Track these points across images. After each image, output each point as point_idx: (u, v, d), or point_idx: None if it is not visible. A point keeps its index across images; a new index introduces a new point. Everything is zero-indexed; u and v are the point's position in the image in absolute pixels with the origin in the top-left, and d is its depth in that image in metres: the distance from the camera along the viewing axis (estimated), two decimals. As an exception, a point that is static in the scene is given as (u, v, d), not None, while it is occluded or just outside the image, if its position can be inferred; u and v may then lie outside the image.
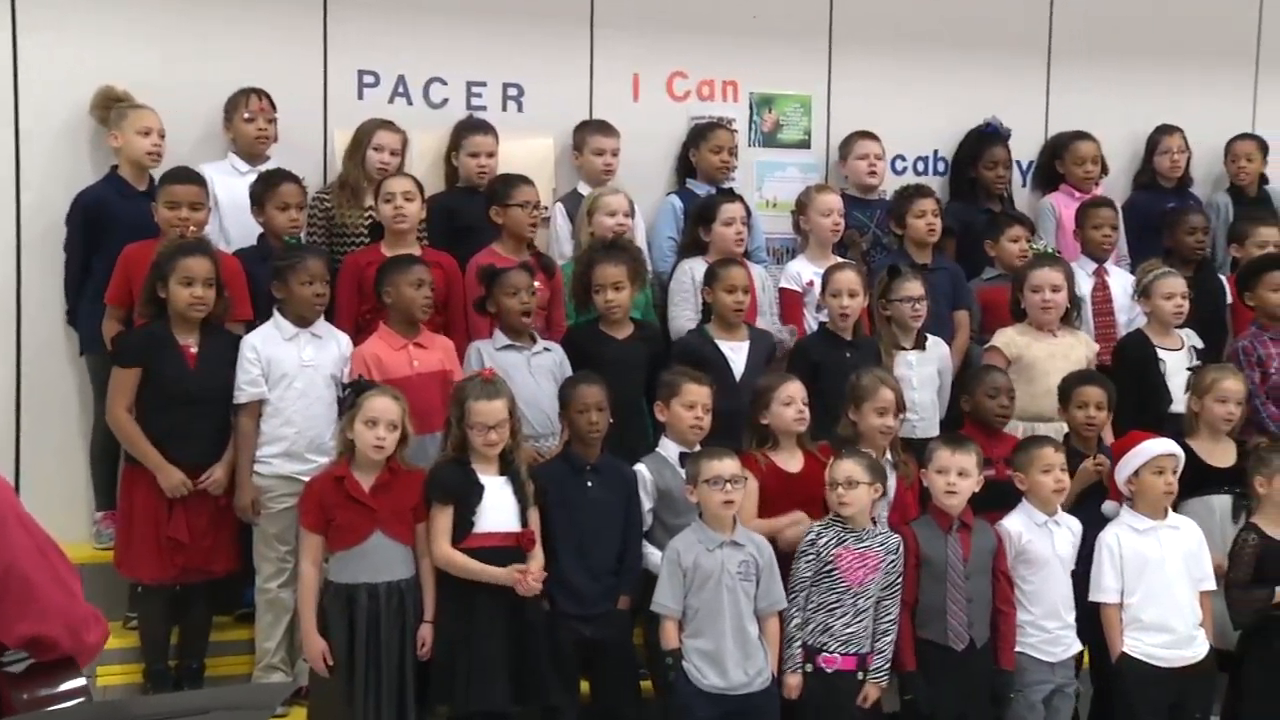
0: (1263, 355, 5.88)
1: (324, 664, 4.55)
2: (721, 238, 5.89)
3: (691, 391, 4.99)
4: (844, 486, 4.69)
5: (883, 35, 6.84)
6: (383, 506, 4.62)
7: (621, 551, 4.89)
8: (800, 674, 4.69)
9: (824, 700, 4.68)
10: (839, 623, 4.69)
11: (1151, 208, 6.88)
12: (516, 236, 5.69)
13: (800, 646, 4.70)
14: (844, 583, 4.68)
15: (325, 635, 4.57)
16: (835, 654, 4.69)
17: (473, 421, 4.66)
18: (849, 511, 4.72)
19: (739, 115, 6.71)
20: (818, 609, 4.70)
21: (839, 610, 4.69)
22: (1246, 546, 5.00)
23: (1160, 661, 4.86)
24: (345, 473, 4.61)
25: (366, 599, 4.58)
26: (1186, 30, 7.19)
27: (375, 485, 4.63)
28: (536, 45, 6.39)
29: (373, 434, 4.58)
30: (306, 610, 4.61)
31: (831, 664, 4.69)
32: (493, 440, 4.67)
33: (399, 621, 4.61)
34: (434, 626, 4.65)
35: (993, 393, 5.36)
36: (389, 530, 4.63)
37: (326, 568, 4.62)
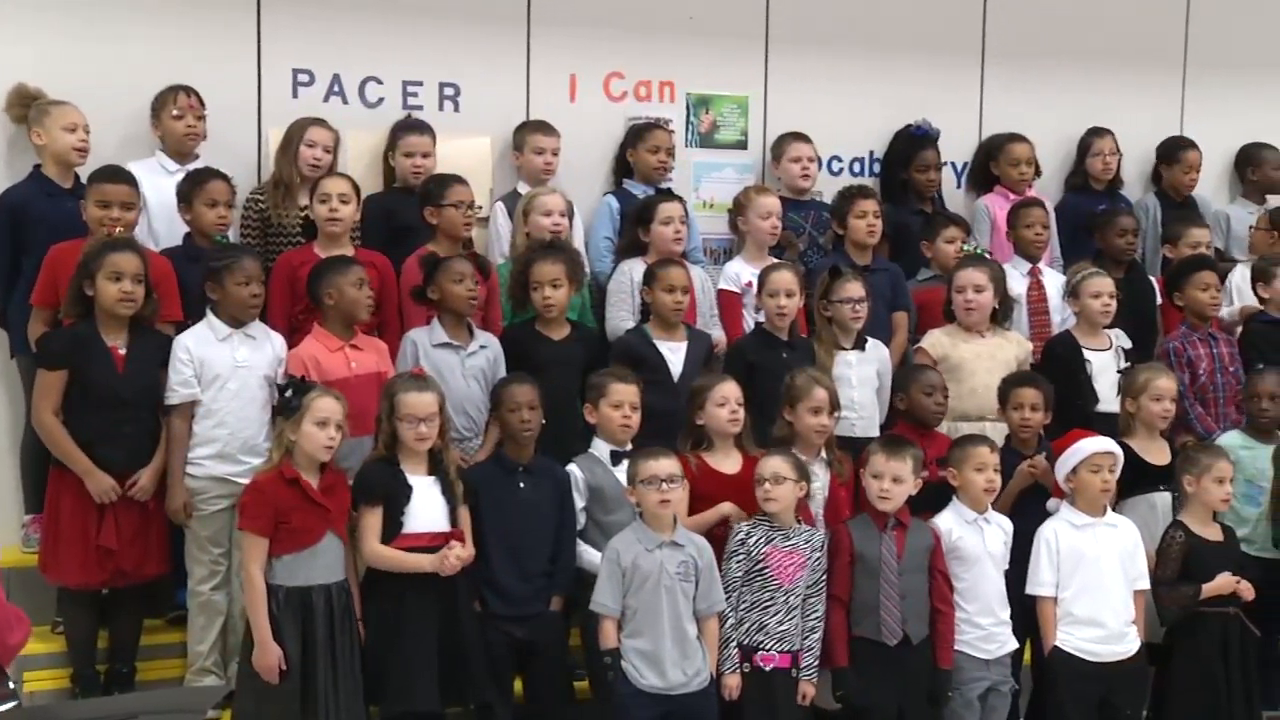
0: (1192, 356, 5.97)
1: (277, 673, 4.47)
2: (660, 237, 5.89)
3: (618, 391, 5.00)
4: (770, 483, 4.71)
5: (819, 37, 6.87)
6: (334, 507, 4.60)
7: (554, 553, 4.89)
8: (738, 674, 4.70)
9: (762, 699, 4.69)
10: (773, 621, 4.70)
11: (1083, 209, 6.95)
12: (451, 236, 5.67)
13: (736, 646, 4.71)
14: (775, 581, 4.71)
15: (277, 641, 4.50)
16: (772, 652, 4.70)
17: (403, 414, 4.65)
18: (774, 508, 4.74)
19: (676, 116, 6.73)
20: (751, 608, 4.72)
21: (773, 608, 4.70)
22: (1174, 544, 5.07)
23: (1091, 656, 4.92)
24: (297, 474, 4.55)
25: (322, 601, 4.54)
26: (1117, 34, 7.28)
27: (322, 486, 4.60)
28: (473, 45, 6.37)
29: (324, 434, 4.55)
30: (260, 617, 4.50)
31: (769, 662, 4.71)
32: (423, 434, 4.66)
33: (348, 621, 4.60)
34: (364, 626, 4.64)
35: (928, 390, 5.40)
36: (338, 530, 4.61)
37: (269, 573, 4.54)
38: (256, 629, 4.50)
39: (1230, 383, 5.94)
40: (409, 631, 4.61)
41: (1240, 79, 7.39)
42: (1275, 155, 7.30)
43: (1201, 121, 7.37)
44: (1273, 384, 5.55)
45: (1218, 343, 6.05)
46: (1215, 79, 7.41)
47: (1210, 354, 5.99)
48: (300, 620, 4.51)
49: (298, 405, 4.55)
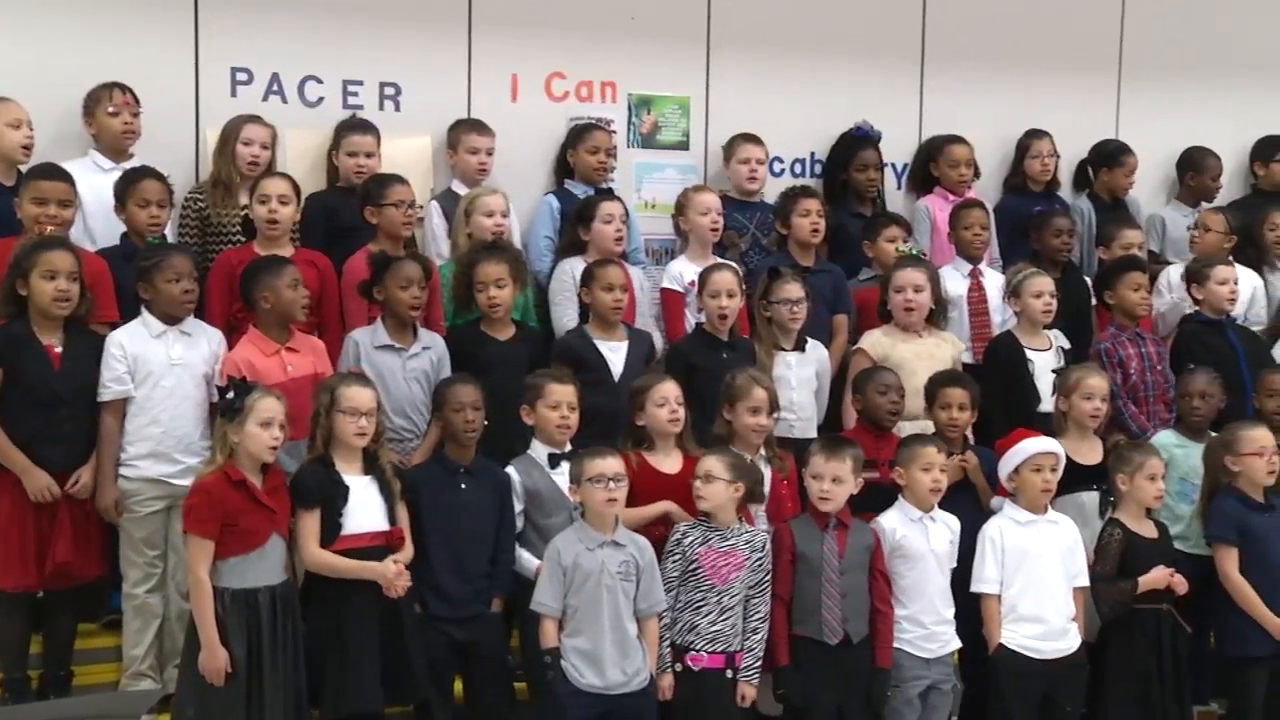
0: (1123, 356, 6.02)
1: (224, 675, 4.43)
2: (600, 236, 5.90)
3: (555, 392, 4.99)
4: (701, 481, 4.72)
5: (760, 38, 6.90)
6: (278, 508, 4.56)
7: (494, 554, 4.87)
8: (671, 674, 4.71)
9: (693, 699, 4.70)
10: (704, 621, 4.71)
11: (1021, 210, 7.01)
12: (392, 236, 5.65)
13: (669, 646, 4.72)
14: (708, 581, 4.71)
15: (223, 644, 4.45)
16: (702, 652, 4.71)
17: (344, 406, 4.63)
18: (706, 506, 4.74)
19: (617, 116, 6.73)
20: (684, 608, 4.73)
21: (704, 609, 4.71)
22: (1112, 541, 5.13)
23: (1034, 653, 4.96)
24: (243, 475, 4.51)
25: (269, 601, 4.51)
26: (1054, 38, 7.36)
27: (267, 487, 4.56)
28: (414, 44, 6.36)
29: (268, 434, 4.51)
30: (207, 621, 4.44)
31: (698, 662, 4.71)
32: (363, 428, 4.64)
33: (292, 622, 4.57)
34: (306, 626, 4.61)
35: (883, 389, 5.42)
36: (282, 531, 4.58)
37: (214, 575, 4.48)
38: (203, 632, 4.44)
39: (1158, 381, 6.00)
40: (351, 632, 4.58)
41: (1174, 83, 7.49)
42: (1217, 164, 7.39)
43: (1136, 125, 7.45)
44: (1204, 384, 5.62)
45: (1146, 342, 6.12)
46: (1149, 83, 7.50)
47: (1139, 353, 6.05)
48: (246, 622, 4.47)
49: (240, 406, 4.51)
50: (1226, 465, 5.29)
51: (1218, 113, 7.54)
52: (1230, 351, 6.10)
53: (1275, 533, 5.26)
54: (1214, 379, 5.64)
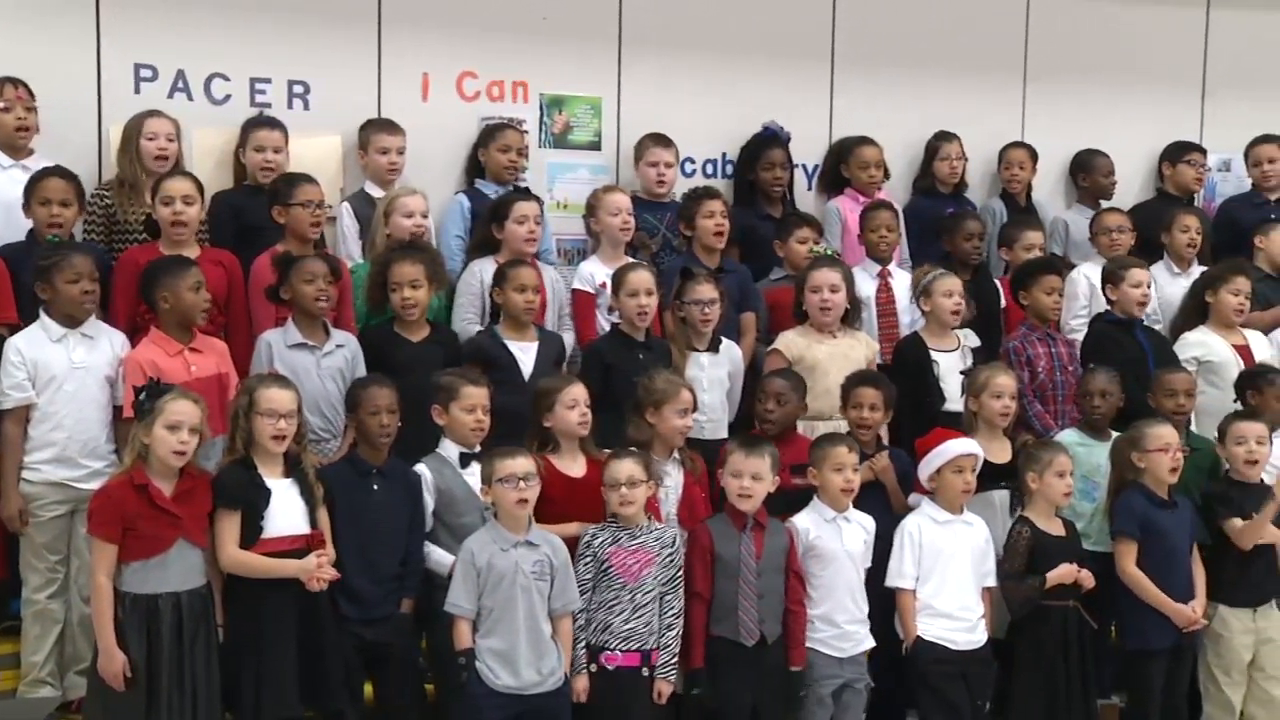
0: (1031, 355, 6.09)
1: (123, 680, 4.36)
2: (513, 235, 5.88)
3: (470, 395, 4.96)
4: (627, 486, 4.72)
5: (672, 39, 6.91)
6: (186, 514, 4.48)
7: (405, 555, 4.83)
8: (586, 675, 4.70)
9: (609, 698, 4.70)
10: (618, 620, 4.71)
11: (931, 212, 7.08)
12: (300, 236, 5.59)
13: (584, 647, 4.71)
14: (620, 580, 4.71)
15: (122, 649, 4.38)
16: (616, 652, 4.70)
17: (263, 408, 4.56)
18: (631, 511, 4.75)
19: (529, 116, 6.71)
20: (598, 608, 4.73)
21: (618, 607, 4.71)
22: (1020, 539, 5.18)
23: (952, 644, 5.03)
24: (147, 480, 4.43)
25: (170, 609, 4.43)
26: (962, 41, 7.43)
27: (177, 492, 4.48)
28: (323, 42, 6.30)
29: (175, 438, 4.43)
30: (105, 624, 4.38)
31: (613, 661, 4.71)
32: (282, 430, 4.58)
33: (204, 629, 4.50)
34: (223, 632, 4.55)
35: (760, 396, 5.45)
36: (191, 538, 4.48)
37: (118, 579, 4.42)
38: (100, 636, 4.39)
39: (1069, 381, 6.06)
40: (269, 637, 4.53)
41: (1078, 87, 7.59)
42: (1107, 163, 7.50)
43: (1041, 128, 7.54)
44: (1104, 382, 5.69)
45: (1056, 342, 6.19)
46: (1054, 87, 7.59)
47: (1049, 353, 6.12)
48: (147, 627, 4.39)
49: (149, 408, 4.43)
50: (1133, 462, 5.37)
51: (1122, 116, 7.64)
52: (1139, 351, 6.18)
53: (1178, 529, 5.36)
54: (1114, 378, 5.72)
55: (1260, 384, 5.90)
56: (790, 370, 5.65)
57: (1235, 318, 6.38)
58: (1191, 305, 6.53)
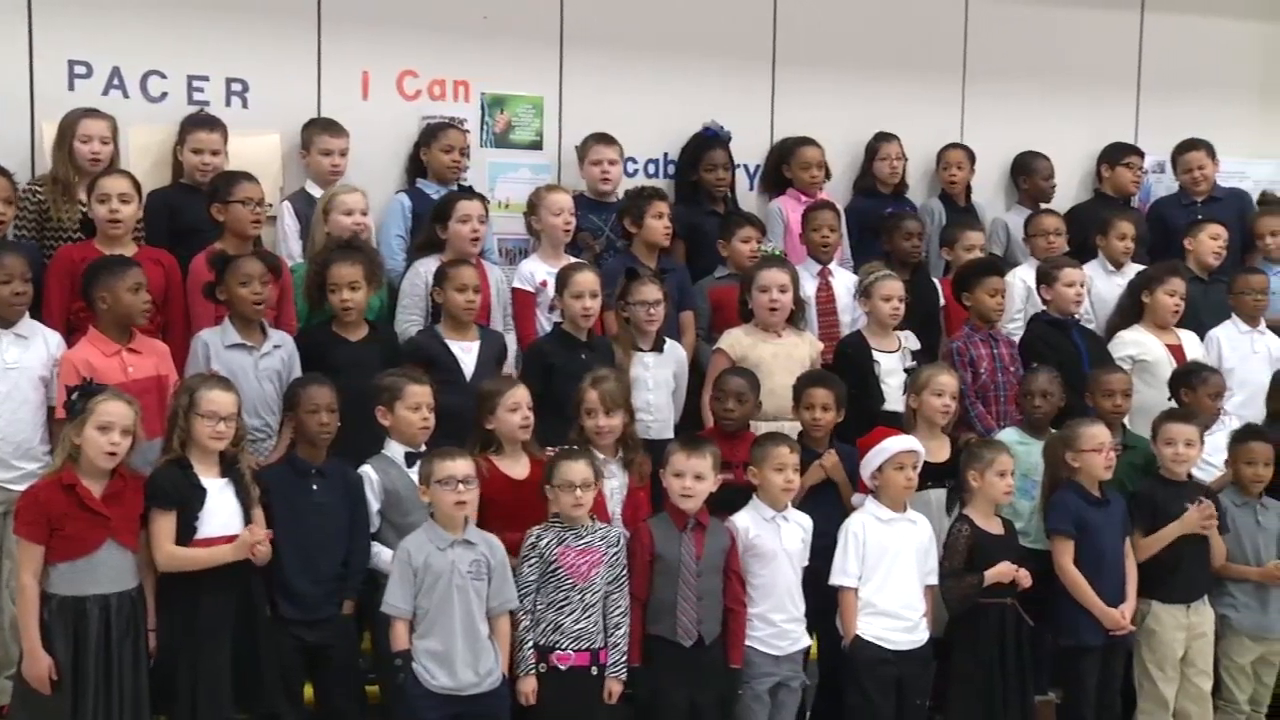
0: (974, 356, 6.13)
1: (48, 682, 4.31)
2: (457, 235, 5.87)
3: (414, 393, 4.95)
4: (581, 488, 4.72)
5: (614, 39, 6.91)
6: (115, 515, 4.44)
7: (346, 555, 4.81)
8: (534, 676, 4.69)
9: (561, 699, 4.70)
10: (569, 620, 4.71)
11: (871, 212, 7.11)
12: (239, 235, 5.56)
13: (532, 648, 4.70)
14: (570, 580, 4.71)
15: (48, 651, 4.34)
16: (568, 651, 4.70)
17: (204, 410, 4.54)
18: (581, 512, 4.75)
19: (471, 116, 6.69)
20: (547, 608, 4.72)
21: (567, 608, 4.71)
22: (960, 537, 5.22)
23: (889, 644, 5.05)
24: (75, 480, 4.38)
25: (98, 611, 4.39)
26: (901, 42, 7.47)
27: (107, 493, 4.44)
28: (261, 40, 6.26)
29: (106, 439, 4.39)
30: (30, 625, 4.35)
31: (565, 661, 4.71)
32: (221, 432, 4.56)
33: (132, 632, 4.46)
34: (156, 635, 4.52)
35: (719, 395, 5.46)
36: (121, 539, 4.45)
37: (45, 580, 4.37)
38: (25, 638, 4.36)
39: (1010, 382, 6.10)
40: (204, 639, 4.51)
41: (1016, 89, 7.63)
42: (1047, 165, 7.55)
43: (980, 129, 7.59)
44: (1045, 383, 5.74)
45: (998, 343, 6.24)
46: (993, 88, 7.64)
47: (991, 354, 6.17)
48: (74, 630, 4.35)
49: (82, 408, 4.39)
50: (1066, 461, 5.42)
51: (1059, 118, 7.70)
52: (1074, 351, 6.25)
53: (1110, 527, 5.41)
54: (1054, 378, 5.77)
55: (1193, 382, 5.99)
56: (744, 369, 5.68)
57: (1170, 318, 6.46)
58: (1128, 305, 6.61)
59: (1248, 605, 5.64)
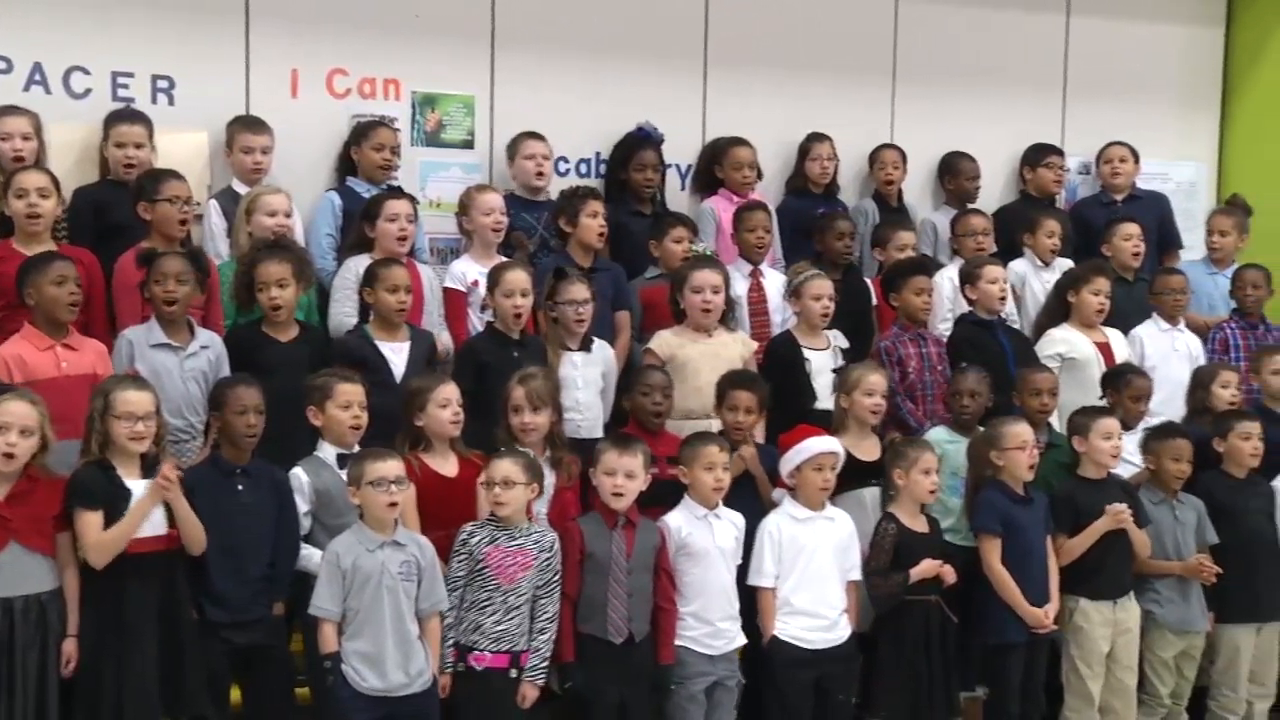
0: (903, 355, 6.19)
1: None
2: (385, 234, 5.84)
3: (345, 392, 4.92)
4: (501, 486, 4.70)
5: (546, 38, 6.90)
6: (18, 516, 4.37)
7: (274, 557, 4.78)
8: (451, 674, 4.68)
9: (476, 699, 4.69)
10: (489, 620, 4.70)
11: (803, 212, 7.14)
12: (166, 234, 5.50)
13: (453, 646, 4.70)
14: (495, 580, 4.70)
15: None
16: (485, 652, 4.69)
17: (120, 411, 4.49)
18: (505, 512, 4.73)
19: (401, 114, 6.66)
20: (470, 607, 4.71)
21: (490, 608, 4.70)
22: (886, 535, 5.26)
23: (806, 644, 5.07)
24: None
25: (4, 614, 4.33)
26: (832, 43, 7.50)
27: (11, 494, 4.38)
28: (188, 36, 6.20)
29: (2, 440, 4.33)
30: None
31: (481, 661, 4.70)
32: (140, 433, 4.51)
33: (38, 638, 4.39)
34: (78, 640, 4.46)
35: (646, 390, 5.47)
36: (26, 541, 4.38)
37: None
38: None
39: (938, 380, 6.16)
40: (128, 643, 4.45)
41: (944, 91, 7.69)
42: (973, 166, 7.61)
43: (910, 130, 7.63)
44: (972, 382, 5.79)
45: (927, 342, 6.30)
46: (922, 90, 7.69)
47: (919, 353, 6.22)
48: None
49: None
50: (990, 459, 5.48)
51: (987, 119, 7.77)
52: (999, 351, 6.31)
53: (1034, 525, 5.47)
54: (983, 378, 5.82)
55: (1119, 384, 6.08)
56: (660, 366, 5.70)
57: (1095, 317, 6.54)
58: (1054, 305, 6.69)
59: (1171, 600, 5.73)
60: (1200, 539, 5.77)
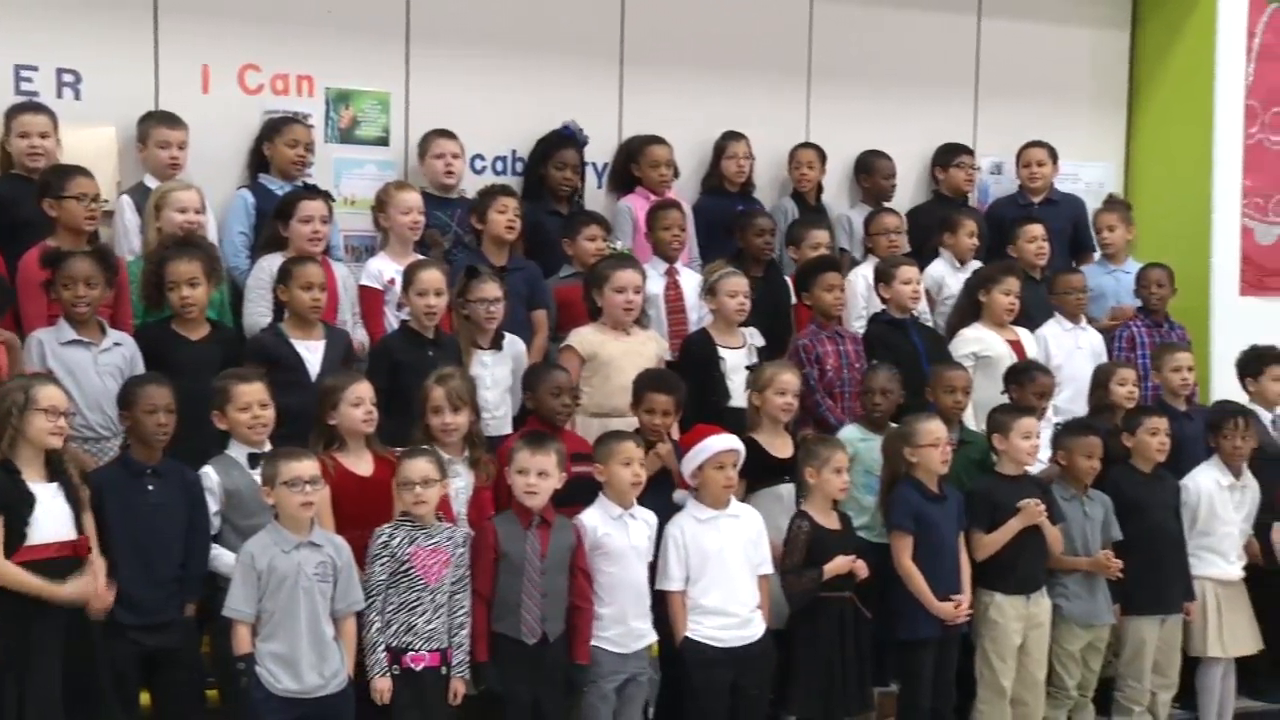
0: (820, 353, 6.24)
1: None
2: (297, 235, 5.79)
3: (243, 394, 4.88)
4: (421, 486, 4.69)
5: (462, 35, 6.86)
6: None
7: (185, 558, 4.73)
8: (388, 677, 4.65)
9: (415, 700, 4.67)
10: (421, 620, 4.69)
11: (719, 210, 7.16)
12: (73, 231, 5.42)
13: (385, 650, 4.67)
14: (422, 580, 4.69)
15: None
16: (422, 652, 4.68)
17: (44, 405, 4.42)
18: (424, 510, 4.72)
19: (315, 111, 6.60)
20: (399, 609, 4.69)
21: (420, 608, 4.69)
22: (800, 533, 5.29)
23: (719, 643, 5.09)
24: None
25: None
26: (748, 43, 7.51)
27: None
28: (94, 29, 6.11)
29: None
30: None
31: (419, 662, 4.69)
32: (61, 428, 4.47)
33: None
34: None
35: (555, 391, 5.46)
36: None
37: None
38: None
39: (855, 378, 6.21)
40: (34, 649, 4.39)
41: (859, 91, 7.73)
42: (888, 165, 7.67)
43: (825, 130, 7.66)
44: (884, 380, 5.86)
45: (844, 340, 6.36)
46: (836, 90, 7.72)
47: (837, 350, 6.28)
48: None
49: None
50: (905, 456, 5.54)
51: (901, 119, 7.82)
52: (912, 349, 6.38)
53: (946, 521, 5.54)
54: (894, 375, 5.89)
55: (1023, 380, 6.17)
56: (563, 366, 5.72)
57: (1006, 316, 6.63)
58: (965, 304, 6.77)
59: (1078, 594, 5.83)
60: (1106, 534, 5.88)
